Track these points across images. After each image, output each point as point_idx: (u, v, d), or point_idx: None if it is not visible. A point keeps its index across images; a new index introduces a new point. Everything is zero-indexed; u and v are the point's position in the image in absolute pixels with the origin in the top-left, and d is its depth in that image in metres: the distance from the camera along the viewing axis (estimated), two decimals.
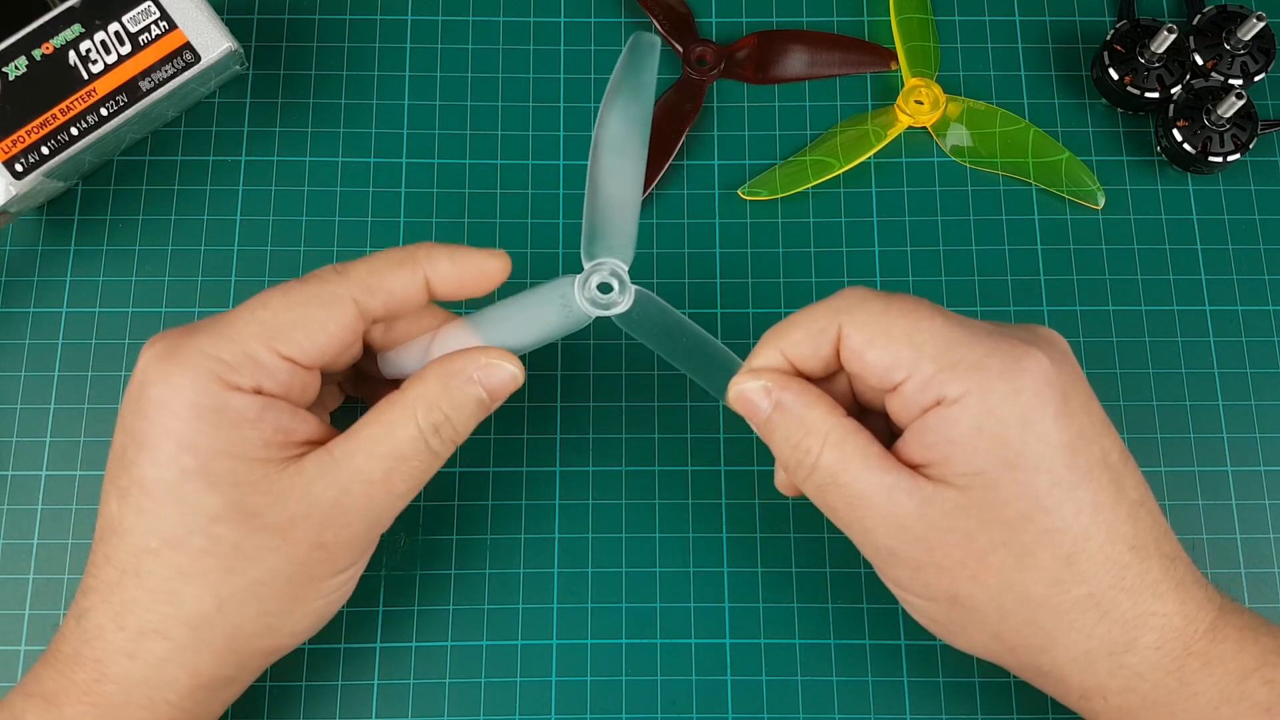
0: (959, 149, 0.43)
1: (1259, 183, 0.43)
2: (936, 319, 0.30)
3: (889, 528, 0.30)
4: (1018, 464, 0.29)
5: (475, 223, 0.42)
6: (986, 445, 0.29)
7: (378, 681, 0.38)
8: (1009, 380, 0.29)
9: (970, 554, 0.29)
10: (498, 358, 0.32)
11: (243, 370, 0.30)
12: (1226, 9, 0.43)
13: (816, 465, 0.30)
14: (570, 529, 0.39)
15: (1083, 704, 0.31)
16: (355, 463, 0.30)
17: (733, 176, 0.43)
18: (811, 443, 0.30)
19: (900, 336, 0.30)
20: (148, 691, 0.30)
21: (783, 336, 0.32)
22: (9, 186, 0.38)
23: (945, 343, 0.29)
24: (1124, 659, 0.30)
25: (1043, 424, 0.29)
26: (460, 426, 0.31)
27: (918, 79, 0.43)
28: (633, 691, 0.38)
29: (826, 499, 0.31)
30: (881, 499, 0.30)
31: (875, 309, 0.30)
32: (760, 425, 0.32)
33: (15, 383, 0.40)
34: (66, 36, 0.39)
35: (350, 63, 0.44)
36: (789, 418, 0.31)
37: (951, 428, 0.29)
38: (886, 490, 0.29)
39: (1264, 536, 0.39)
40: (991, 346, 0.29)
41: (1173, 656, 0.29)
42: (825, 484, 0.30)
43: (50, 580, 0.38)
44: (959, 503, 0.29)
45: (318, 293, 0.31)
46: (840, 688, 0.38)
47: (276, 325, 0.30)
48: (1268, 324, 0.42)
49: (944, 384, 0.29)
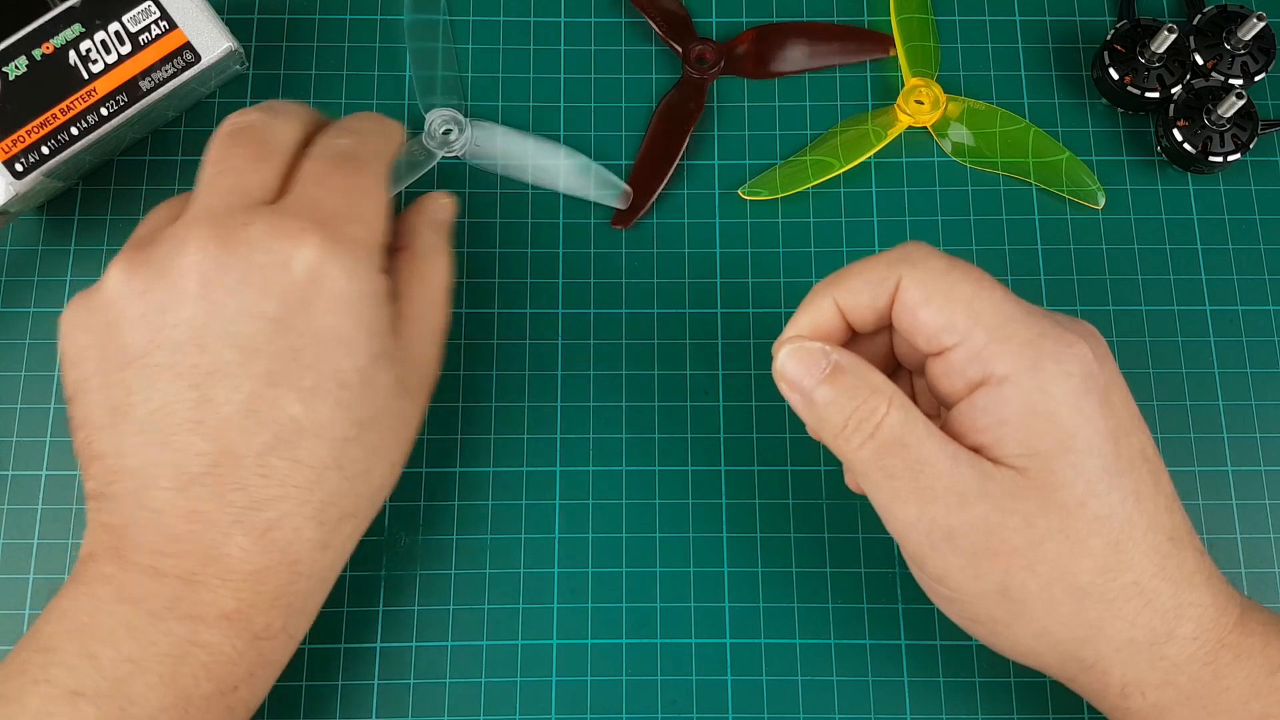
0: (959, 148, 0.43)
1: (1259, 183, 0.43)
2: (997, 291, 0.30)
3: (951, 501, 0.29)
4: (1071, 446, 0.28)
5: (475, 222, 0.42)
6: (1041, 426, 0.28)
7: (378, 681, 0.38)
8: (1060, 362, 0.29)
9: (1028, 540, 0.29)
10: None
11: (378, 253, 0.32)
12: (1226, 9, 0.43)
13: (882, 425, 0.29)
14: (570, 529, 0.39)
15: (1121, 702, 0.31)
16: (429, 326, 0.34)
17: (733, 176, 0.43)
18: (878, 402, 0.29)
19: (959, 300, 0.29)
20: (331, 575, 0.33)
21: (839, 285, 0.31)
22: (9, 186, 0.38)
23: (1002, 316, 0.29)
24: (1164, 649, 0.29)
25: (1091, 409, 0.29)
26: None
27: (918, 79, 0.43)
28: (633, 691, 0.38)
29: (886, 463, 0.29)
30: (946, 467, 0.29)
31: (938, 267, 0.30)
32: (808, 393, 0.30)
33: (15, 383, 0.40)
34: (66, 36, 0.39)
35: (350, 63, 0.44)
36: (851, 377, 0.30)
37: (1003, 407, 0.29)
38: (950, 458, 0.29)
39: (1264, 536, 0.39)
40: (1045, 328, 0.29)
41: (1208, 648, 0.30)
42: (890, 445, 0.29)
43: (50, 580, 0.38)
44: (1019, 483, 0.28)
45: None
46: (840, 688, 0.38)
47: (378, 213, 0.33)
48: (1268, 324, 0.42)
49: (994, 358, 0.29)
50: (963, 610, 0.31)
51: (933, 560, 0.30)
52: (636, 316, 0.41)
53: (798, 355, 0.30)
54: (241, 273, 0.30)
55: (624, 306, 0.41)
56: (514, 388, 0.41)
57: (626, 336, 0.41)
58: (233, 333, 0.30)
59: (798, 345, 0.30)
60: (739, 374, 0.41)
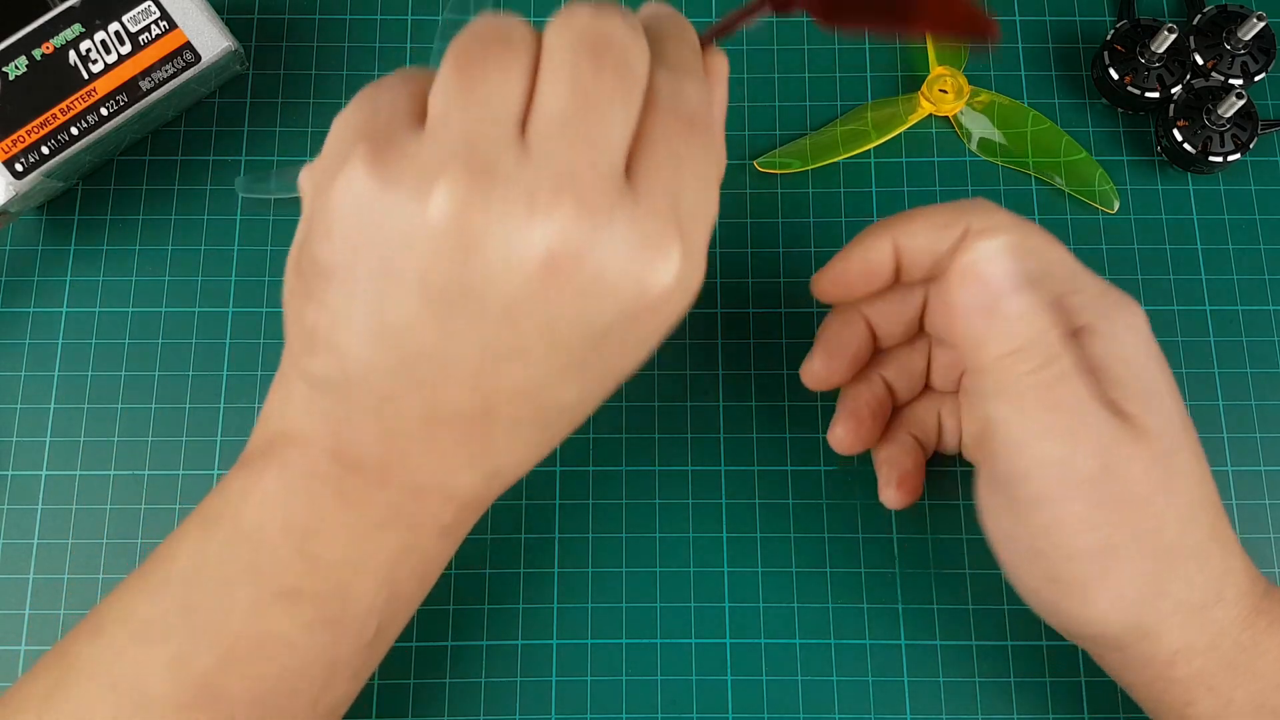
0: (989, 146, 0.43)
1: (1259, 183, 0.43)
2: (1061, 248, 0.30)
3: (1093, 450, 0.28)
4: (1156, 392, 0.29)
5: None
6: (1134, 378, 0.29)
7: (378, 681, 0.38)
8: (1125, 314, 0.30)
9: (1141, 495, 0.28)
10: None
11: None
12: (1226, 9, 0.43)
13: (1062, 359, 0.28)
14: (570, 529, 0.39)
15: (1166, 671, 0.30)
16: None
17: (735, 170, 0.43)
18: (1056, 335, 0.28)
19: (1034, 249, 0.30)
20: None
21: (899, 225, 0.31)
22: (9, 186, 0.38)
23: (1071, 268, 0.30)
24: (1213, 613, 0.30)
25: (1160, 360, 0.30)
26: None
27: (943, 68, 0.43)
28: (633, 691, 0.38)
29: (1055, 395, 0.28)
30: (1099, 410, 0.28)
31: (1008, 220, 0.30)
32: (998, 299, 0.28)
33: (15, 383, 0.40)
34: (66, 36, 0.39)
35: (350, 63, 0.44)
36: (1044, 301, 0.28)
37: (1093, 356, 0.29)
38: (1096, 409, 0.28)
39: (1264, 536, 0.39)
40: (1106, 283, 0.30)
41: (1248, 613, 0.30)
42: (1062, 379, 0.28)
43: (50, 580, 0.38)
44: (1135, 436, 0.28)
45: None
46: (840, 688, 0.38)
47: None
48: (1268, 324, 0.42)
49: (1073, 308, 0.29)
50: (1049, 568, 0.30)
51: (1053, 505, 0.29)
52: None
53: (1000, 254, 0.28)
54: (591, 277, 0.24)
55: None
56: None
57: None
58: (553, 334, 0.25)
59: (1002, 242, 0.29)
60: (739, 374, 0.41)
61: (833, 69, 0.44)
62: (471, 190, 0.23)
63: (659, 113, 0.25)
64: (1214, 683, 0.30)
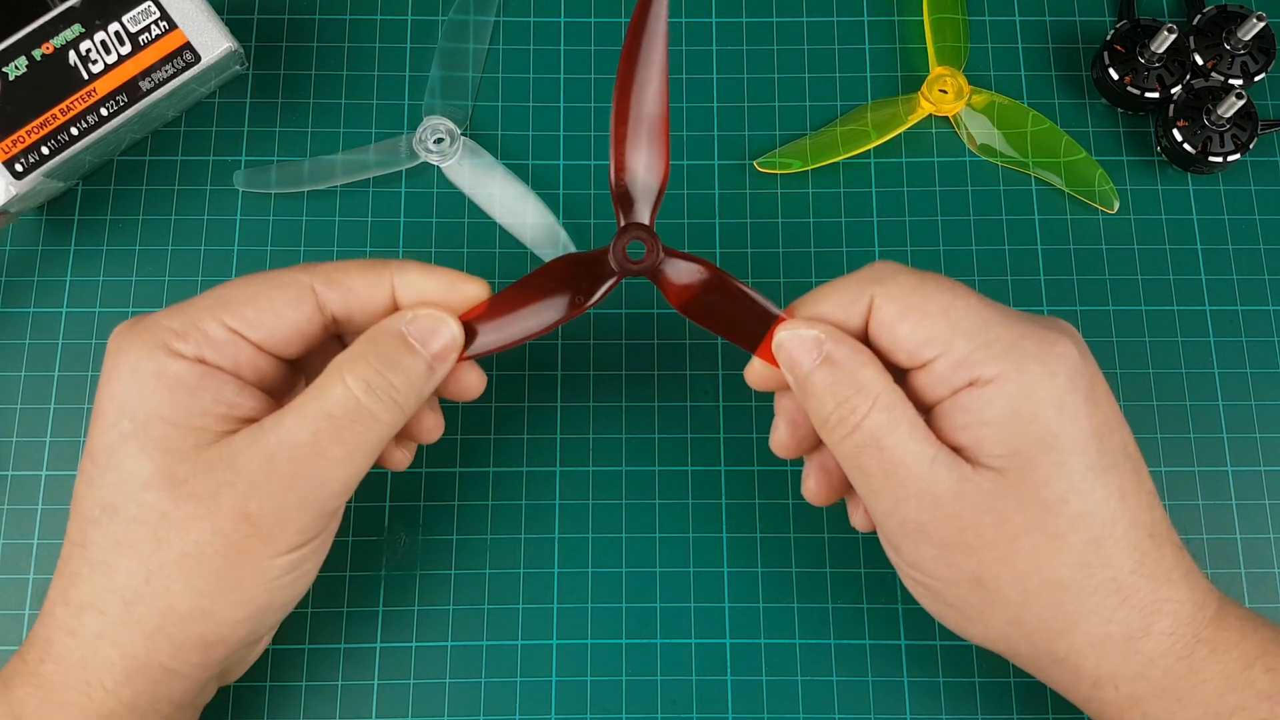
0: (988, 148, 0.43)
1: (1259, 183, 0.43)
2: (971, 298, 0.30)
3: (924, 501, 0.29)
4: (1054, 446, 0.29)
5: (475, 222, 0.42)
6: (1024, 426, 0.29)
7: (378, 681, 0.38)
8: (1044, 363, 0.29)
9: (1003, 535, 0.29)
10: (425, 310, 0.31)
11: (188, 338, 0.30)
12: (1226, 9, 0.43)
13: (860, 426, 0.29)
14: (570, 529, 0.39)
15: (1093, 693, 0.31)
16: (283, 428, 0.29)
17: (737, 163, 0.43)
18: (860, 401, 0.29)
19: (935, 312, 0.30)
20: (83, 674, 0.30)
21: (811, 307, 0.31)
22: (9, 186, 0.38)
23: (981, 322, 0.29)
24: (1140, 644, 0.30)
25: (1075, 408, 0.29)
26: (398, 382, 0.30)
27: (943, 68, 0.43)
28: (633, 691, 0.38)
29: (862, 462, 0.30)
30: (922, 470, 0.29)
31: (910, 283, 0.30)
32: (802, 377, 0.30)
33: (15, 383, 0.40)
34: (66, 36, 0.39)
35: (350, 63, 0.44)
36: (839, 373, 0.30)
37: (986, 408, 0.29)
38: (928, 462, 0.29)
39: (1264, 536, 0.39)
40: (1025, 330, 0.29)
41: (1184, 643, 0.30)
42: (866, 446, 0.30)
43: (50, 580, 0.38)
44: (998, 484, 0.29)
45: (277, 277, 0.31)
46: (840, 688, 0.38)
47: (228, 299, 0.31)
48: (1268, 324, 0.42)
49: (979, 363, 0.29)
50: (935, 596, 0.31)
51: (906, 548, 0.31)
52: (636, 316, 0.41)
53: (792, 341, 0.31)
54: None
55: (624, 307, 0.41)
56: (514, 388, 0.41)
57: (626, 337, 0.41)
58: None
59: (794, 331, 0.31)
60: (739, 374, 0.41)
61: (833, 69, 0.44)
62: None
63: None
64: (1146, 708, 0.30)
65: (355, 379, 0.30)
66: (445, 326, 0.31)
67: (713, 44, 0.44)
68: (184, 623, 0.30)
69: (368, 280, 0.31)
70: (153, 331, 0.30)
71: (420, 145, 0.42)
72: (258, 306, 0.30)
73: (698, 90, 0.44)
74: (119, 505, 0.29)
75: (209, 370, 0.30)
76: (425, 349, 0.30)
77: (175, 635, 0.30)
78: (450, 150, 0.42)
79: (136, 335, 0.30)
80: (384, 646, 0.38)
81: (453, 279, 0.31)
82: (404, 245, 0.42)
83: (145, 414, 0.29)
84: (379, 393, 0.30)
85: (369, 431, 0.30)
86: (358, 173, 0.42)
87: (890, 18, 0.45)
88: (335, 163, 0.42)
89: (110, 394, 0.30)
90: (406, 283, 0.31)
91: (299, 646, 0.38)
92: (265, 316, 0.30)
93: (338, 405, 0.29)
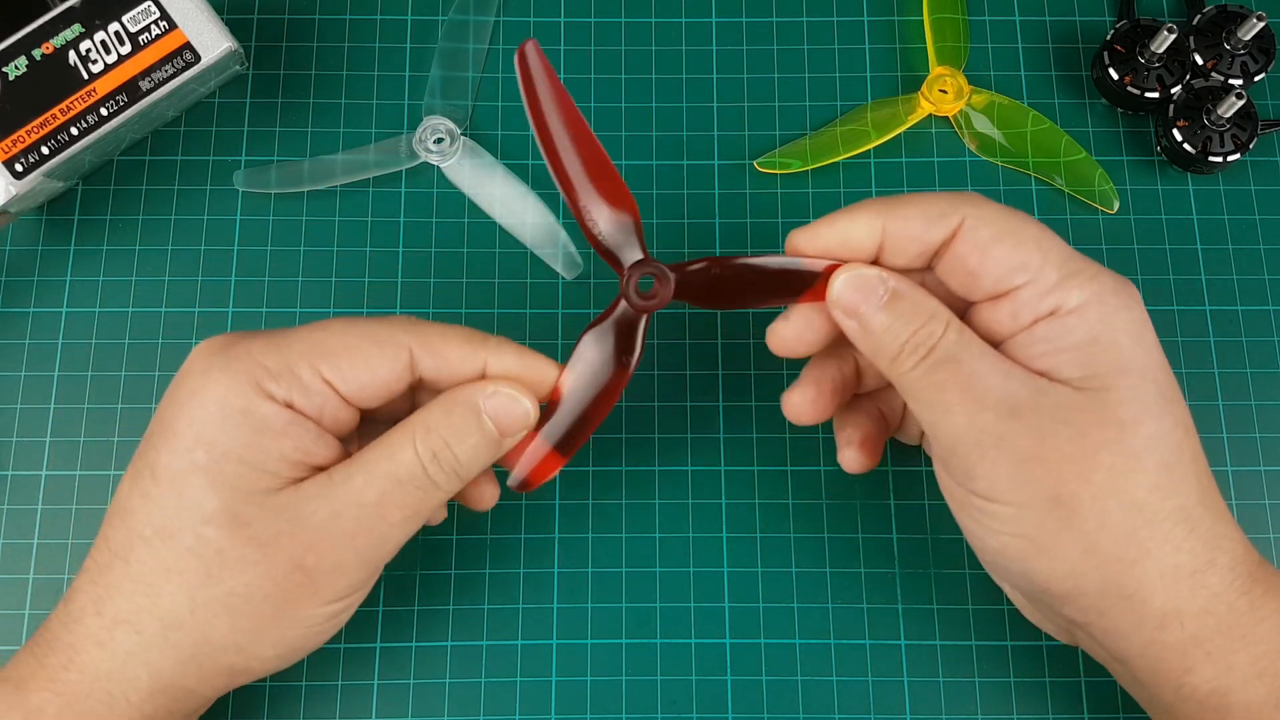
0: (989, 146, 0.43)
1: (1259, 183, 0.43)
2: (1052, 233, 0.31)
3: (1001, 411, 0.29)
4: (1130, 369, 0.29)
5: (475, 222, 0.42)
6: (1103, 351, 0.29)
7: (378, 681, 0.38)
8: (1121, 298, 0.30)
9: (1082, 449, 0.29)
10: (507, 387, 0.31)
11: (281, 380, 0.30)
12: (1226, 9, 0.43)
13: (938, 345, 0.30)
14: (570, 529, 0.39)
15: (1156, 635, 0.30)
16: (352, 484, 0.30)
17: (735, 162, 0.43)
18: (934, 325, 0.30)
19: (1030, 239, 0.30)
20: (109, 686, 0.30)
21: (893, 209, 0.31)
22: (9, 186, 0.38)
23: (1066, 254, 0.31)
24: (1205, 578, 0.30)
25: (1149, 342, 0.30)
26: (462, 456, 0.31)
27: (943, 68, 0.43)
28: (633, 691, 0.38)
29: (939, 379, 0.30)
30: (998, 381, 0.29)
31: (1002, 211, 0.31)
32: (867, 316, 0.31)
33: (15, 383, 0.40)
34: (66, 36, 0.39)
35: (350, 63, 0.44)
36: (907, 304, 0.30)
37: (1066, 335, 0.30)
38: (1003, 374, 0.30)
39: (1264, 536, 0.39)
40: (1102, 269, 0.31)
41: (1243, 579, 0.30)
42: (944, 363, 0.30)
43: (50, 580, 0.38)
44: (1074, 399, 0.29)
45: (377, 332, 0.31)
46: (840, 688, 0.38)
47: (327, 347, 0.30)
48: (1268, 324, 0.42)
49: (1067, 291, 0.30)
50: (1006, 524, 0.30)
51: (982, 469, 0.30)
52: None
53: (855, 283, 0.31)
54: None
55: None
56: None
57: None
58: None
59: (855, 273, 0.31)
60: (739, 374, 0.41)
61: (833, 69, 0.44)
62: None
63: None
64: (1211, 648, 0.30)
65: (425, 448, 0.30)
66: (520, 406, 0.31)
67: (713, 44, 0.44)
68: (217, 654, 0.30)
69: (463, 354, 0.31)
70: (247, 366, 0.30)
71: (420, 145, 0.42)
72: (354, 362, 0.30)
73: (698, 90, 0.44)
74: (175, 532, 0.29)
75: (296, 417, 0.30)
76: (498, 426, 0.31)
77: (206, 664, 0.30)
78: (450, 150, 0.42)
79: (229, 364, 0.30)
80: (384, 646, 0.38)
81: (540, 367, 0.32)
82: (404, 245, 0.42)
83: (223, 450, 0.29)
84: (444, 464, 0.30)
85: (429, 498, 0.30)
86: (358, 173, 0.42)
87: (890, 18, 0.45)
88: (335, 163, 0.42)
89: (190, 419, 0.29)
90: (500, 362, 0.31)
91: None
92: (361, 373, 0.30)
93: (405, 470, 0.30)
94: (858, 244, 0.32)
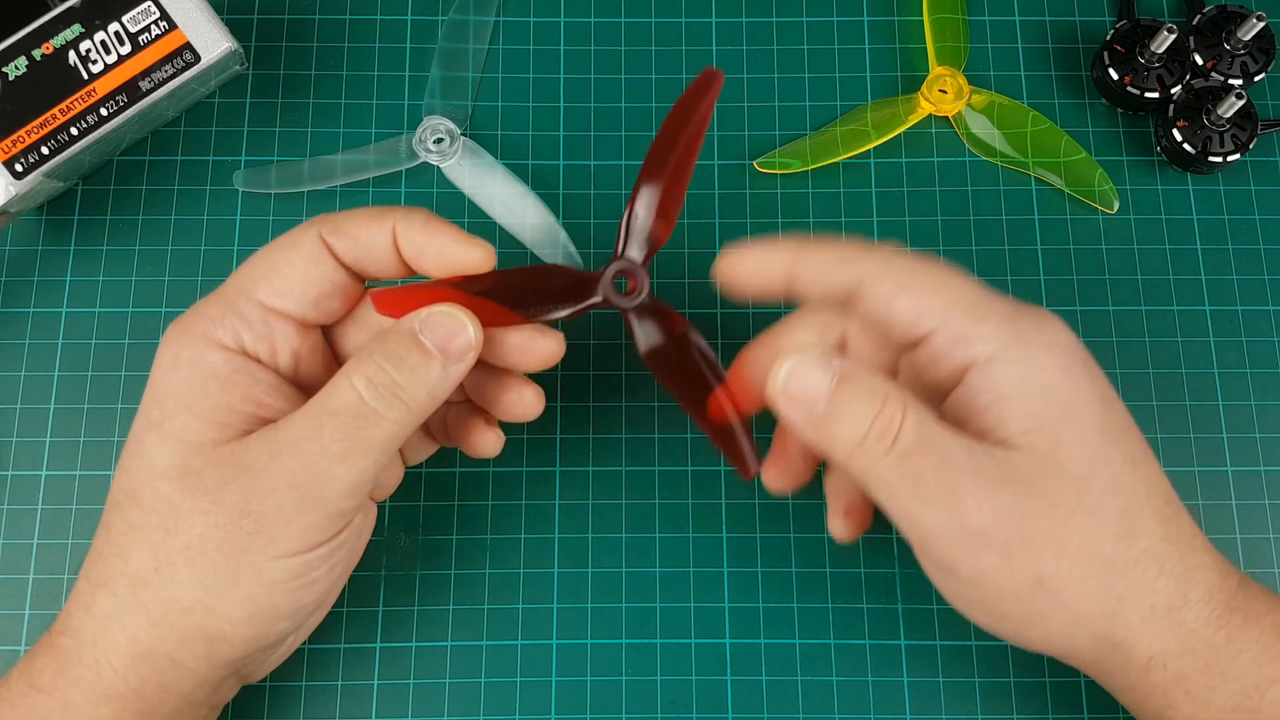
0: (989, 147, 0.43)
1: (1259, 183, 0.43)
2: (963, 278, 0.30)
3: (979, 495, 0.28)
4: (1072, 412, 0.29)
5: (475, 222, 0.42)
6: (1040, 394, 0.29)
7: (378, 681, 0.38)
8: (1041, 336, 0.29)
9: (1053, 521, 0.28)
10: (444, 306, 0.30)
11: (224, 323, 0.30)
12: (1226, 9, 0.43)
13: (901, 432, 0.28)
14: (570, 529, 0.39)
15: (1143, 677, 0.30)
16: (292, 425, 0.29)
17: (735, 171, 0.43)
18: (892, 409, 0.28)
19: (930, 287, 0.30)
20: (95, 652, 0.30)
21: (808, 246, 0.31)
22: (9, 186, 0.38)
23: (975, 297, 0.30)
24: (1181, 615, 0.29)
25: (1078, 378, 0.29)
26: (402, 379, 0.29)
27: (943, 68, 0.43)
28: (633, 691, 0.38)
29: (912, 470, 0.28)
30: (965, 459, 0.28)
31: (910, 261, 0.31)
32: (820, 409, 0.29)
33: (15, 383, 0.40)
34: (66, 36, 0.39)
35: (350, 63, 0.44)
36: (860, 388, 0.28)
37: (1000, 383, 0.29)
38: (965, 450, 0.28)
39: (1264, 536, 0.39)
40: (1017, 307, 0.30)
41: (1219, 612, 0.30)
42: (913, 453, 0.28)
43: (50, 580, 0.38)
44: (1033, 463, 0.28)
45: (286, 237, 0.31)
46: (840, 688, 0.38)
47: (253, 276, 0.31)
48: (1268, 324, 0.42)
49: (977, 337, 0.29)
50: (994, 609, 0.30)
51: (965, 563, 0.29)
52: None
53: (800, 370, 0.29)
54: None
55: None
56: None
57: (626, 336, 0.41)
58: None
59: (797, 359, 0.29)
60: None
61: (833, 69, 0.44)
62: None
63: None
64: (1190, 686, 0.30)
65: (359, 376, 0.29)
66: (460, 326, 0.30)
67: (713, 44, 0.45)
68: (185, 614, 0.30)
69: (370, 229, 0.31)
70: (193, 321, 0.31)
71: (420, 145, 0.42)
72: (280, 273, 0.31)
73: None
74: (138, 492, 0.30)
75: (246, 364, 0.30)
76: (439, 348, 0.30)
77: (178, 625, 0.30)
78: (450, 150, 0.42)
79: (181, 325, 0.31)
80: (384, 646, 0.38)
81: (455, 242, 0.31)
82: None
83: (173, 404, 0.30)
84: (382, 390, 0.29)
85: (374, 430, 0.29)
86: (358, 173, 0.42)
87: (890, 18, 0.45)
88: (335, 163, 0.42)
89: (150, 383, 0.31)
90: (407, 240, 0.31)
91: (299, 646, 0.38)
92: (291, 281, 0.31)
93: (341, 402, 0.29)
94: (767, 276, 0.32)
